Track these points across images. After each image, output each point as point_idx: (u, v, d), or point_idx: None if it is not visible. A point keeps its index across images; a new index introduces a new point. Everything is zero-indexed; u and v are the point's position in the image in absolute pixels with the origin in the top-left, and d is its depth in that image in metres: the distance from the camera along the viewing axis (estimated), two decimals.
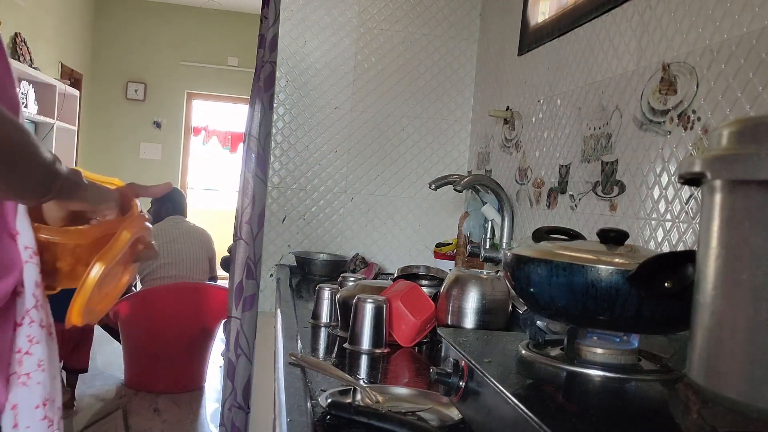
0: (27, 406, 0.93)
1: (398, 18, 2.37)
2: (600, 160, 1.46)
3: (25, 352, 0.93)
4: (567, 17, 1.66)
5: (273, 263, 2.34)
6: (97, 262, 0.99)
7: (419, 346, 1.31)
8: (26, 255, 0.93)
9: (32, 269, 0.93)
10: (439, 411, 0.89)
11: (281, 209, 2.35)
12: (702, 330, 0.51)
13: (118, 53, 6.98)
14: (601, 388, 0.73)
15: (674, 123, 1.21)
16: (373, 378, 1.11)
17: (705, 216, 0.52)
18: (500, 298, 1.36)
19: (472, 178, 1.92)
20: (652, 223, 1.24)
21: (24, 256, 0.93)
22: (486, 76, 2.30)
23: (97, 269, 0.98)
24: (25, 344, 0.93)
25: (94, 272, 0.98)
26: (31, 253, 0.94)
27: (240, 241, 1.64)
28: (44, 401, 0.94)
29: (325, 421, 0.84)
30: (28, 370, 0.93)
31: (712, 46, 1.11)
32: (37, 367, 0.93)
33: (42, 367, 0.94)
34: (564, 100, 1.66)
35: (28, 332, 0.93)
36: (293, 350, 1.17)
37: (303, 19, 2.32)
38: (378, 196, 2.41)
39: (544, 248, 0.83)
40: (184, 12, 7.18)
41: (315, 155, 2.37)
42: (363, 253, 2.37)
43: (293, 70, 2.33)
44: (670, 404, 0.71)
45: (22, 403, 0.93)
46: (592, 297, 0.74)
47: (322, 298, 1.47)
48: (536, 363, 0.79)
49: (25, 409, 0.93)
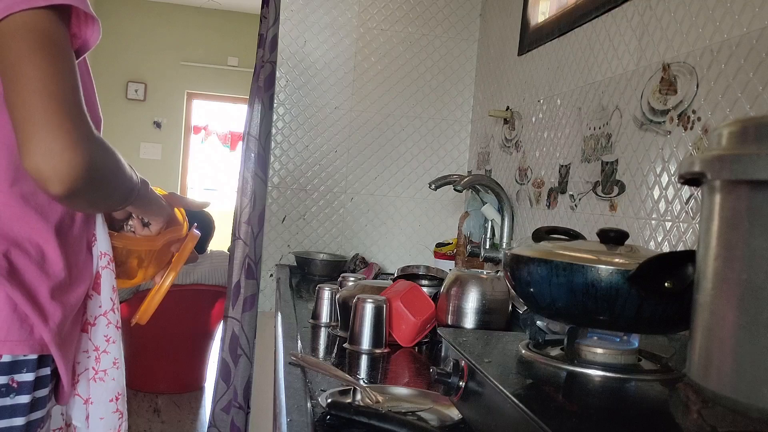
0: (102, 400, 1.01)
1: (398, 18, 2.37)
2: (600, 160, 1.46)
3: (102, 350, 1.02)
4: (567, 17, 1.66)
5: (273, 263, 2.34)
6: (171, 272, 1.14)
7: (419, 346, 1.31)
8: (104, 261, 1.02)
9: (109, 275, 1.02)
10: (439, 411, 0.89)
11: (281, 209, 2.35)
12: (702, 330, 0.51)
13: (118, 53, 6.98)
14: (601, 388, 0.73)
15: (674, 123, 1.21)
16: (373, 378, 1.11)
17: (705, 216, 0.52)
18: (500, 298, 1.36)
19: (472, 178, 1.92)
20: (652, 223, 1.24)
21: (102, 263, 1.02)
22: (486, 76, 2.30)
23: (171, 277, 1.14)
24: (102, 343, 1.02)
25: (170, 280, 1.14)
26: (108, 260, 1.03)
27: (238, 240, 1.64)
28: (117, 395, 1.03)
29: (325, 421, 0.84)
30: (104, 367, 1.02)
31: (712, 46, 1.11)
32: (112, 364, 1.02)
33: (117, 365, 1.03)
34: (564, 100, 1.66)
35: (105, 332, 1.02)
36: (293, 350, 1.17)
37: (303, 19, 2.32)
38: (378, 196, 2.41)
39: (544, 248, 0.83)
40: (184, 12, 7.18)
41: (315, 155, 2.36)
42: (363, 253, 2.37)
43: (293, 70, 2.33)
44: (670, 404, 0.71)
45: (96, 397, 1.01)
46: (592, 297, 0.74)
47: (322, 298, 1.47)
48: (536, 363, 0.79)
49: (100, 402, 1.01)
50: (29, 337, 0.88)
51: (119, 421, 1.03)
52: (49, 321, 0.90)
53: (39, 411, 0.91)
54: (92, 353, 1.00)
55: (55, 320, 0.91)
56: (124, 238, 1.07)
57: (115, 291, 1.02)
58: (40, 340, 0.89)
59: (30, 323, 0.88)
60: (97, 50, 6.90)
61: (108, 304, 1.01)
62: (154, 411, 3.66)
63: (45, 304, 0.90)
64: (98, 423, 1.01)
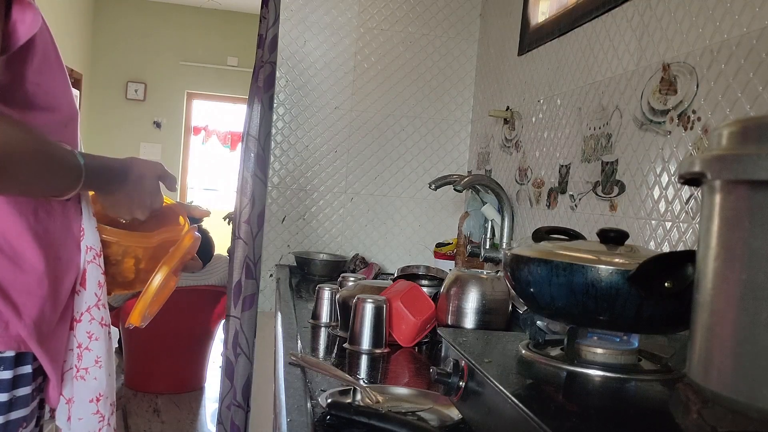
0: (81, 399, 0.97)
1: (398, 18, 2.37)
2: (600, 160, 1.46)
3: (84, 347, 0.98)
4: (567, 17, 1.66)
5: (273, 263, 2.34)
6: (162, 266, 1.06)
7: (419, 346, 1.31)
8: (90, 255, 0.98)
9: (95, 269, 0.98)
10: (439, 411, 0.89)
11: (281, 209, 2.35)
12: (702, 330, 0.51)
13: (118, 53, 6.98)
14: (601, 388, 0.73)
15: (674, 123, 1.21)
16: (373, 378, 1.11)
17: (705, 216, 0.52)
18: (500, 298, 1.36)
19: (472, 178, 1.92)
20: (652, 223, 1.24)
21: (87, 257, 0.98)
22: (486, 76, 2.30)
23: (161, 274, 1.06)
24: (84, 340, 0.98)
25: (159, 276, 1.07)
26: (95, 254, 0.99)
27: (239, 240, 1.64)
28: (98, 396, 0.98)
29: (325, 421, 0.84)
30: (86, 365, 0.97)
31: (712, 46, 1.11)
32: (94, 362, 0.98)
33: (99, 364, 0.98)
34: (564, 100, 1.66)
35: (88, 329, 0.97)
36: (293, 350, 1.17)
37: (303, 19, 2.32)
38: (378, 196, 2.41)
39: (544, 248, 0.83)
40: (184, 12, 7.18)
41: (315, 155, 2.36)
42: (363, 253, 2.37)
43: (293, 70, 2.33)
44: (670, 404, 0.71)
45: (77, 396, 0.97)
46: (592, 297, 0.74)
47: (322, 298, 1.47)
48: (536, 363, 0.79)
49: (80, 402, 0.97)
50: (4, 334, 0.86)
51: (100, 424, 0.98)
52: (24, 316, 0.87)
53: (21, 410, 0.89)
54: (75, 350, 0.97)
55: (30, 316, 0.88)
56: (115, 233, 1.02)
57: (101, 286, 0.98)
58: (16, 337, 0.87)
59: (5, 319, 0.86)
60: (97, 50, 6.90)
61: (92, 299, 0.98)
62: (154, 411, 3.66)
63: (18, 299, 0.87)
64: (77, 424, 0.97)
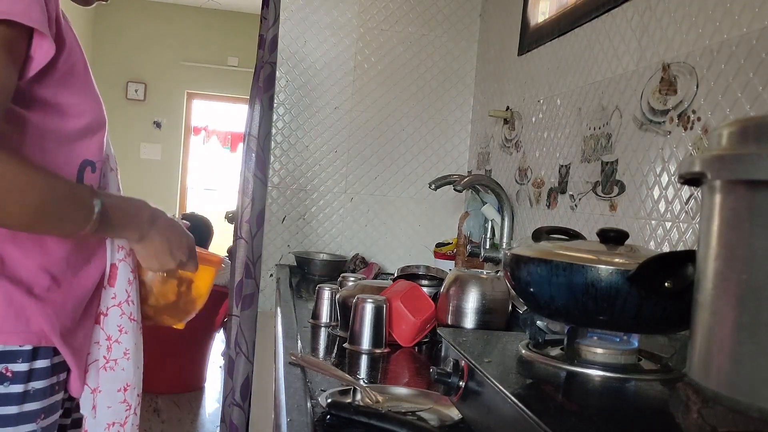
0: (109, 389, 1.02)
1: (398, 18, 2.37)
2: (600, 160, 1.46)
3: (115, 340, 1.02)
4: (567, 17, 1.66)
5: (273, 263, 2.34)
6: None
7: (419, 346, 1.31)
8: (120, 255, 1.03)
9: (125, 268, 1.03)
10: (439, 411, 0.89)
11: (281, 209, 2.35)
12: (702, 330, 0.51)
13: (118, 53, 6.97)
14: (601, 388, 0.73)
15: (674, 123, 1.21)
16: (373, 378, 1.11)
17: (705, 216, 0.52)
18: (500, 298, 1.36)
19: (472, 178, 1.92)
20: (652, 223, 1.24)
21: (119, 255, 1.03)
22: (486, 76, 2.30)
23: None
24: (115, 333, 1.02)
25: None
26: (125, 253, 1.03)
27: (240, 240, 1.64)
28: (125, 386, 1.03)
29: (325, 421, 0.84)
30: (115, 356, 1.02)
31: (712, 46, 1.11)
32: (123, 354, 1.03)
33: (127, 356, 1.03)
34: (564, 100, 1.66)
35: (119, 323, 1.03)
36: (293, 350, 1.17)
37: (303, 19, 2.32)
38: (378, 196, 2.41)
39: (544, 248, 0.83)
40: (184, 12, 7.18)
41: (315, 155, 2.36)
42: (363, 253, 2.37)
43: (293, 70, 2.33)
44: (670, 404, 0.71)
45: (104, 386, 1.02)
46: (592, 297, 0.74)
47: (322, 298, 1.47)
48: (536, 363, 0.79)
49: (107, 391, 1.02)
50: (25, 329, 0.89)
51: (126, 413, 1.03)
52: (48, 312, 0.91)
53: (36, 402, 0.91)
54: (104, 343, 1.01)
55: (54, 311, 0.92)
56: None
57: (131, 284, 1.03)
58: (38, 332, 0.90)
59: (26, 315, 0.89)
60: (97, 50, 6.90)
61: (123, 295, 1.02)
62: (154, 411, 3.66)
63: (42, 295, 0.91)
64: (105, 411, 1.01)
